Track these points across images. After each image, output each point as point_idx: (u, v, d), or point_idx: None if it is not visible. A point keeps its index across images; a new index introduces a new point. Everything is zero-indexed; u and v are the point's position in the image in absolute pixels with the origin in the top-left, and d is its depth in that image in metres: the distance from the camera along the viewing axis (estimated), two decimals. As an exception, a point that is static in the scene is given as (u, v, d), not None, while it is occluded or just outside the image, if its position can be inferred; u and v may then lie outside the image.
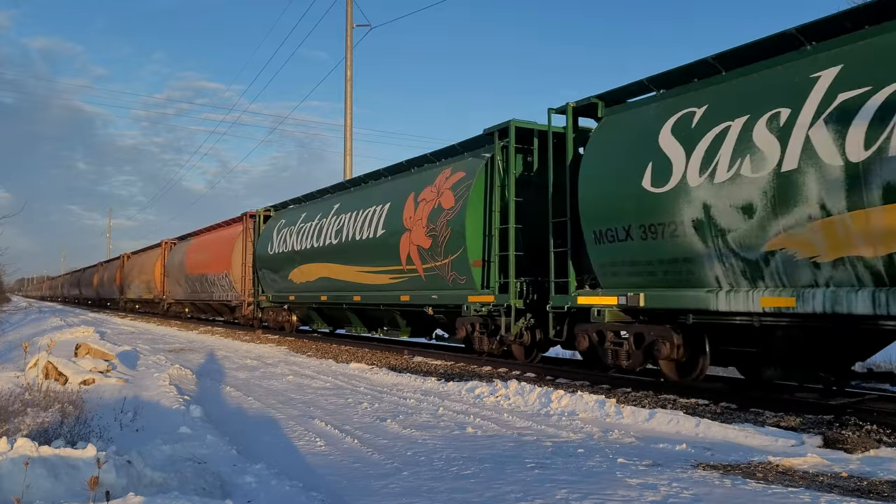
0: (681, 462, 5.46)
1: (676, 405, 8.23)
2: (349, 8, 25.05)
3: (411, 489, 4.84)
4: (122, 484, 4.12)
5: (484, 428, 6.94)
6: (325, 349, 16.72)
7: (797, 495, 4.46)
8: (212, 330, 25.51)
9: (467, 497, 4.60)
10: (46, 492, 3.98)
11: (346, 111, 24.74)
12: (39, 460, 4.12)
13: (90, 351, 12.05)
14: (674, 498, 4.45)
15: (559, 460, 5.57)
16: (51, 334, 16.91)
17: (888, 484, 4.81)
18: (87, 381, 9.51)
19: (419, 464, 5.56)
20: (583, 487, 4.72)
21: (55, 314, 37.82)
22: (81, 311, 47.84)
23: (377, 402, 8.69)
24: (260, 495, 4.66)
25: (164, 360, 14.11)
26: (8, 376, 8.94)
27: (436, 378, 10.51)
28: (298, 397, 9.31)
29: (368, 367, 12.31)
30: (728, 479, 4.88)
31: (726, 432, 6.49)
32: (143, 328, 27.88)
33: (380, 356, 14.58)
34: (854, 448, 5.81)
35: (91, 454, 4.30)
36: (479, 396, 8.75)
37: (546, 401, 8.09)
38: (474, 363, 12.63)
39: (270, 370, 12.58)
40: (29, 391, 7.63)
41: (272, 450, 6.30)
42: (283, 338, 20.65)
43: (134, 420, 7.17)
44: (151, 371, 11.82)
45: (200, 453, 5.54)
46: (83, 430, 6.04)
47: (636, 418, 7.19)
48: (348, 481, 5.13)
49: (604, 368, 10.30)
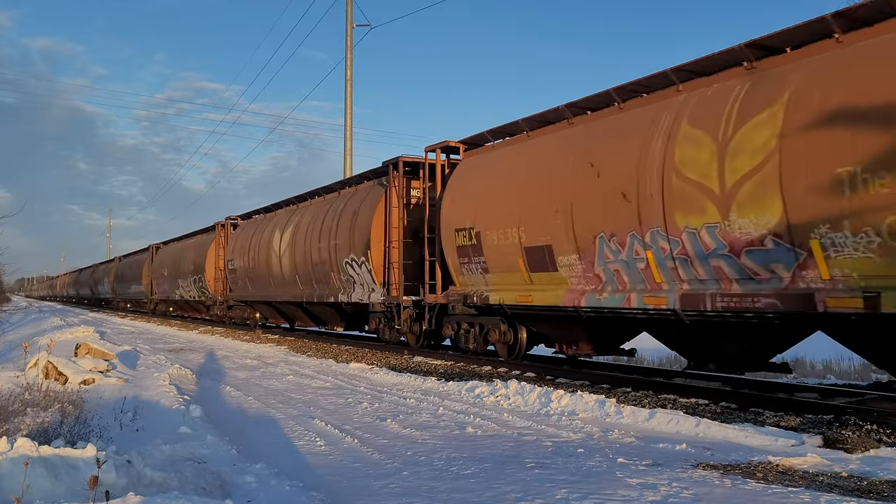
0: (681, 462, 5.46)
1: (676, 405, 8.23)
2: (349, 8, 25.05)
3: (411, 489, 4.84)
4: (122, 484, 4.12)
5: (484, 428, 6.94)
6: (324, 349, 16.72)
7: (797, 495, 4.46)
8: (212, 330, 25.51)
9: (467, 497, 4.60)
10: (46, 491, 3.98)
11: (346, 111, 24.74)
12: (39, 460, 4.12)
13: (90, 351, 12.05)
14: (674, 498, 4.45)
15: (559, 460, 5.57)
16: (51, 334, 16.91)
17: (888, 484, 4.81)
18: (87, 380, 9.51)
19: (419, 463, 5.56)
20: (583, 487, 4.71)
21: (55, 314, 37.82)
22: (81, 311, 47.85)
23: (377, 401, 8.69)
24: (260, 495, 4.66)
25: (164, 359, 14.11)
26: (8, 376, 8.94)
27: (436, 378, 10.51)
28: (298, 397, 9.31)
29: (368, 367, 12.31)
30: (728, 479, 4.88)
31: (726, 432, 6.49)
32: (143, 328, 27.88)
33: (380, 356, 14.59)
34: (854, 448, 5.81)
35: (91, 454, 4.30)
36: (479, 396, 8.74)
37: (546, 401, 8.09)
38: (474, 363, 12.64)
39: (270, 370, 12.58)
40: (29, 391, 7.63)
41: (272, 450, 6.30)
42: (282, 338, 20.66)
43: (134, 420, 7.17)
44: (151, 371, 11.82)
45: (200, 453, 5.54)
46: (83, 430, 6.04)
47: (636, 418, 7.19)
48: (348, 481, 5.13)
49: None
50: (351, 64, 24.74)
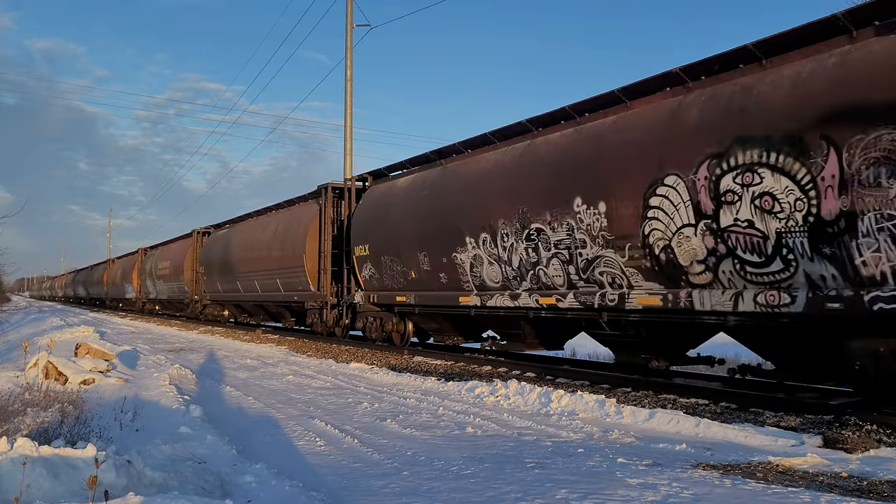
0: (681, 462, 5.46)
1: (676, 405, 8.23)
2: (349, 8, 25.03)
3: (411, 489, 4.84)
4: (121, 484, 4.11)
5: (484, 428, 6.94)
6: (324, 349, 16.72)
7: (797, 495, 4.46)
8: (211, 330, 25.51)
9: (467, 497, 4.60)
10: (46, 491, 3.98)
11: (346, 111, 24.72)
12: (39, 460, 4.12)
13: (90, 351, 12.04)
14: (674, 498, 4.45)
15: (559, 460, 5.57)
16: (51, 334, 16.92)
17: (888, 484, 4.81)
18: (87, 380, 9.50)
19: (419, 464, 5.55)
20: (583, 487, 4.71)
21: (55, 314, 37.81)
22: (81, 311, 47.85)
23: (377, 401, 8.69)
24: (260, 495, 4.66)
25: (164, 359, 14.11)
26: (8, 376, 8.93)
27: (436, 378, 10.51)
28: (298, 397, 9.30)
29: (368, 367, 12.31)
30: (728, 479, 4.88)
31: (726, 432, 6.48)
32: (143, 328, 27.87)
33: (380, 356, 14.59)
34: (854, 448, 5.80)
35: (91, 454, 4.30)
36: (479, 396, 8.74)
37: (546, 400, 8.09)
38: (474, 363, 12.64)
39: (270, 370, 12.58)
40: (29, 391, 7.63)
41: (272, 449, 6.29)
42: (282, 338, 20.67)
43: (134, 420, 7.16)
44: (151, 371, 11.82)
45: (200, 453, 5.54)
46: (83, 430, 6.03)
47: (636, 418, 7.18)
48: (348, 481, 5.13)
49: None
50: (351, 64, 24.72)
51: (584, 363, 12.76)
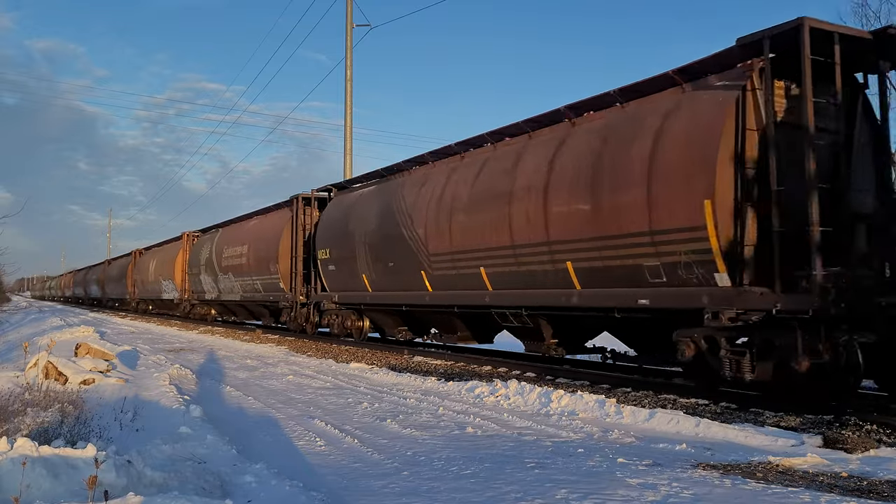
0: (681, 462, 5.46)
1: (676, 405, 8.23)
2: (349, 8, 25.03)
3: (411, 489, 4.84)
4: (121, 484, 4.11)
5: (484, 428, 6.94)
6: (325, 349, 16.72)
7: (797, 495, 4.46)
8: (212, 330, 25.52)
9: (467, 497, 4.60)
10: (46, 491, 3.98)
11: (346, 111, 24.73)
12: (39, 460, 4.12)
13: (90, 351, 12.04)
14: (674, 498, 4.45)
15: (559, 460, 5.57)
16: (51, 334, 16.91)
17: (888, 484, 4.81)
18: (87, 380, 9.50)
19: (419, 464, 5.55)
20: (583, 487, 4.71)
21: (55, 314, 37.81)
22: (81, 311, 47.85)
23: (377, 401, 8.69)
24: (260, 495, 4.66)
25: (164, 359, 14.11)
26: (8, 376, 8.93)
27: (436, 378, 10.51)
28: (298, 397, 9.30)
29: (368, 367, 12.31)
30: (728, 479, 4.88)
31: (726, 432, 6.48)
32: (143, 328, 27.87)
33: (380, 356, 14.59)
34: (854, 448, 5.80)
35: (91, 454, 4.30)
36: (479, 396, 8.74)
37: (546, 401, 8.09)
38: (474, 363, 12.65)
39: (270, 370, 12.58)
40: (29, 391, 7.62)
41: (272, 449, 6.29)
42: (282, 338, 20.67)
43: (134, 420, 7.16)
44: (151, 371, 11.82)
45: (200, 453, 5.54)
46: (83, 430, 6.03)
47: (636, 418, 7.18)
48: (348, 481, 5.13)
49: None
50: (351, 64, 24.74)
51: (584, 363, 12.75)
